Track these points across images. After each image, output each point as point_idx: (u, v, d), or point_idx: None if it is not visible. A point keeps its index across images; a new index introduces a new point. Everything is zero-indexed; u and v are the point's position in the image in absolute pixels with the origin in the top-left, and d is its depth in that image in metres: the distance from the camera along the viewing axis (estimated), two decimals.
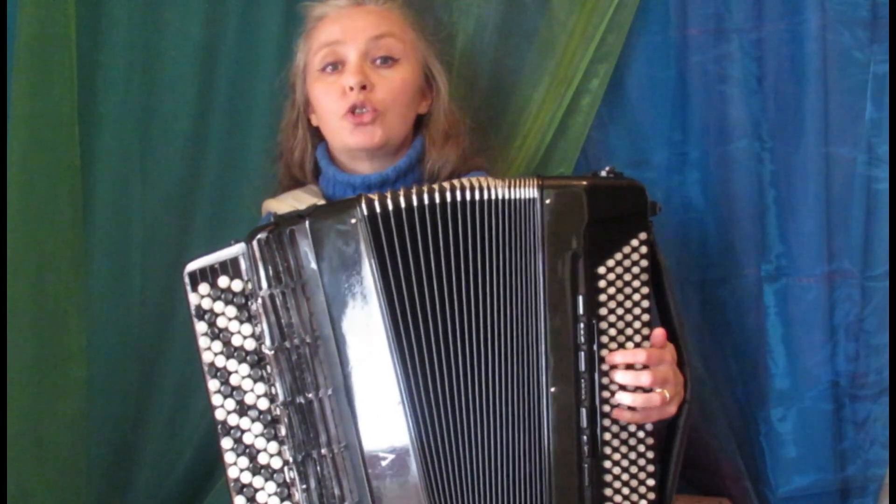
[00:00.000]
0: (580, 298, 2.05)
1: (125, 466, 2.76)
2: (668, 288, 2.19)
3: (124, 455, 2.76)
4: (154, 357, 2.76)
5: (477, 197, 2.06)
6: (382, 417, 2.04)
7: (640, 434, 2.10)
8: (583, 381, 2.05)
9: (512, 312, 2.06)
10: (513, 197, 2.07)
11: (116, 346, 2.72)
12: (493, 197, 2.07)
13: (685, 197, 2.74)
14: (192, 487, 2.79)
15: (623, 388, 2.06)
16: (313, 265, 2.03)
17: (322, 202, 2.36)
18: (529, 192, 2.06)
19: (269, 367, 2.04)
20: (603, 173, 2.12)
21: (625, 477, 2.09)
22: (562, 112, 2.67)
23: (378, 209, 2.05)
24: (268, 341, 2.02)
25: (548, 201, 2.05)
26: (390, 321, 2.03)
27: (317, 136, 2.54)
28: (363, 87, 2.35)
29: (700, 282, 2.75)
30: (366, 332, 2.04)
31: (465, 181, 2.09)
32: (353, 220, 2.04)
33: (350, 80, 2.35)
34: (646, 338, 2.08)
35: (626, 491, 2.10)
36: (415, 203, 2.05)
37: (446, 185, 2.08)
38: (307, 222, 2.04)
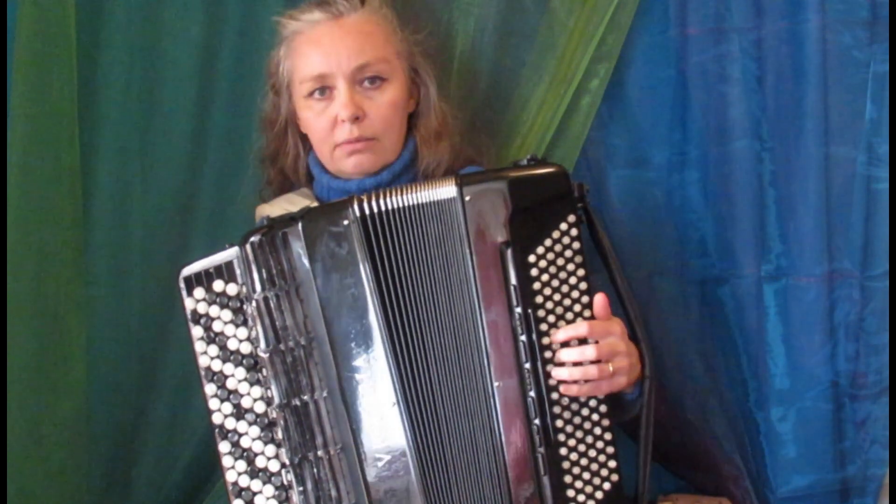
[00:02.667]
0: (513, 289, 2.08)
1: (125, 466, 2.77)
2: (613, 266, 2.24)
3: (124, 455, 2.76)
4: (154, 357, 2.76)
5: (405, 203, 2.10)
6: (378, 418, 2.07)
7: (595, 417, 2.12)
8: (526, 371, 2.08)
9: (455, 311, 2.10)
10: (434, 199, 2.10)
11: (116, 346, 2.72)
12: (420, 201, 2.10)
13: (685, 197, 2.73)
14: (192, 488, 2.79)
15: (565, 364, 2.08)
16: (307, 267, 2.06)
17: (315, 204, 2.37)
18: (448, 191, 2.10)
19: (264, 370, 2.05)
20: (524, 161, 2.16)
21: (584, 462, 2.12)
22: (562, 112, 2.66)
23: (368, 210, 2.07)
24: (262, 344, 2.05)
25: (467, 198, 2.09)
26: (384, 322, 2.06)
27: (307, 140, 2.55)
28: (356, 119, 2.36)
29: (700, 282, 2.74)
30: (360, 333, 2.06)
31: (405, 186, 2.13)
32: (346, 222, 2.07)
33: (342, 112, 2.37)
34: (588, 320, 2.10)
35: (586, 475, 2.13)
36: (406, 203, 2.08)
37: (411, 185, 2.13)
38: (300, 225, 2.07)
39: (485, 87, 2.76)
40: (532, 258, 2.08)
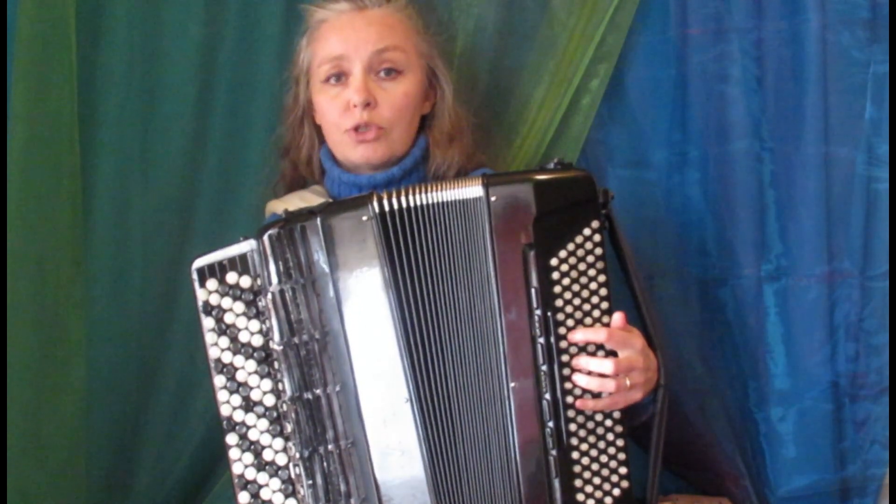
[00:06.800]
0: (533, 292, 2.08)
1: (125, 466, 2.75)
2: (632, 273, 2.24)
3: (124, 455, 2.75)
4: (154, 357, 2.75)
5: (428, 200, 2.10)
6: (390, 414, 2.07)
7: (608, 423, 2.12)
8: (542, 374, 2.08)
9: (474, 310, 2.10)
10: (460, 198, 2.10)
11: (116, 346, 2.71)
12: (444, 199, 2.10)
13: (685, 197, 2.74)
14: (192, 488, 2.78)
15: (580, 371, 2.08)
16: (324, 261, 2.06)
17: (331, 200, 2.36)
18: (474, 191, 2.10)
19: (276, 363, 2.07)
20: (551, 165, 2.15)
21: (595, 466, 2.12)
22: (562, 112, 2.67)
23: (388, 207, 2.08)
24: (276, 337, 2.05)
25: (493, 199, 2.09)
26: (399, 318, 2.07)
27: (321, 133, 2.55)
28: (367, 105, 2.37)
29: (700, 282, 2.75)
30: (375, 329, 2.07)
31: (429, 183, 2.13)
32: (365, 218, 2.07)
33: (354, 97, 2.38)
34: (606, 326, 2.10)
35: (597, 480, 2.13)
36: (429, 201, 2.09)
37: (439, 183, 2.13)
38: (319, 219, 2.07)
39: (485, 87, 2.76)
40: (554, 261, 2.08)
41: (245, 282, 2.06)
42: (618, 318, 2.10)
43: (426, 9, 2.65)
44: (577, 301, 2.09)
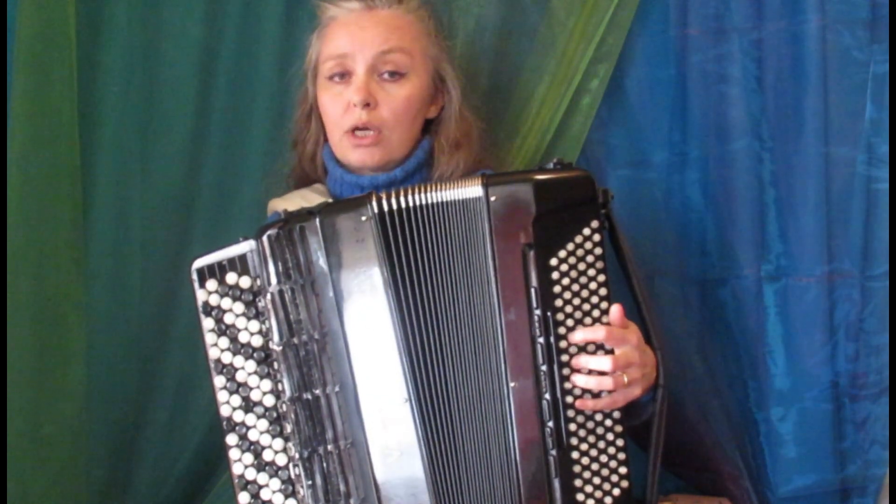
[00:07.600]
0: (533, 292, 2.08)
1: (125, 466, 2.76)
2: (632, 273, 2.23)
3: (124, 455, 2.75)
4: (154, 357, 2.76)
5: (427, 200, 2.10)
6: (389, 414, 2.06)
7: (608, 423, 2.11)
8: (542, 373, 2.08)
9: (473, 310, 2.10)
10: (459, 198, 2.10)
11: (116, 346, 2.71)
12: (443, 199, 2.10)
13: (685, 197, 2.73)
14: (192, 487, 2.78)
15: (579, 371, 2.08)
16: (323, 262, 2.06)
17: (331, 200, 2.36)
18: (474, 191, 2.10)
19: (276, 364, 2.07)
20: (550, 165, 2.15)
21: (595, 466, 2.11)
22: (562, 112, 2.67)
23: (387, 207, 2.08)
24: (276, 337, 2.05)
25: (493, 199, 2.08)
26: (399, 318, 2.07)
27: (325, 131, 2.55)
28: (367, 105, 2.37)
29: (700, 282, 2.74)
30: (374, 330, 2.07)
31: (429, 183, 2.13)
32: (364, 218, 2.07)
33: (354, 97, 2.38)
34: (605, 325, 2.09)
35: (597, 480, 2.12)
36: (428, 201, 2.09)
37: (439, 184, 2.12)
38: (317, 219, 2.07)
39: (484, 87, 2.76)
40: (554, 261, 2.08)
41: (245, 282, 2.06)
42: (615, 310, 2.09)
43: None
44: (576, 301, 2.09)
